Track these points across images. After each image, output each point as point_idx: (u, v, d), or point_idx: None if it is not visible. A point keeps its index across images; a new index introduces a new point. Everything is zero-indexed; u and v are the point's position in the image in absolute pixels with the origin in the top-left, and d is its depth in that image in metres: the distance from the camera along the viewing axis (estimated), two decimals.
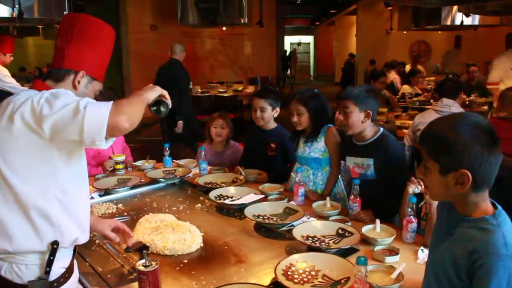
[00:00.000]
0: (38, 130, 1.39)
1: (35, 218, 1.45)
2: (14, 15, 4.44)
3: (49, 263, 1.48)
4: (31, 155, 1.43)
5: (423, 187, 2.00)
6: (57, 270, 1.52)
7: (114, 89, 6.13)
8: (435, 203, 1.77)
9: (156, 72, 5.85)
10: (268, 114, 3.07)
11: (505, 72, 5.16)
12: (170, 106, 1.68)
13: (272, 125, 3.16)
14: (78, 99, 1.41)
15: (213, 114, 3.53)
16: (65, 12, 4.93)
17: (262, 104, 3.05)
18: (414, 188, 2.01)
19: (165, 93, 1.66)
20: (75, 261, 1.65)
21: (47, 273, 1.49)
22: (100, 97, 1.69)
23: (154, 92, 1.61)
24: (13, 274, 1.48)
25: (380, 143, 2.40)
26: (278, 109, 3.12)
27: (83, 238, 1.59)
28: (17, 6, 4.38)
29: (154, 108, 1.63)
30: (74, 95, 1.50)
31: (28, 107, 1.40)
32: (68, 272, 1.57)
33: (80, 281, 1.74)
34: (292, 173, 2.88)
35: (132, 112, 1.44)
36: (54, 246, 1.48)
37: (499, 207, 1.27)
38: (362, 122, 2.39)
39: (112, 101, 1.43)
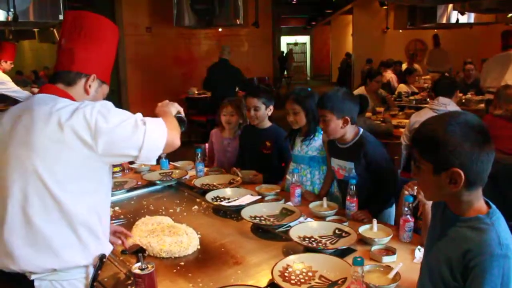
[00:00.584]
0: (92, 144, 1.36)
1: (81, 231, 1.41)
2: (9, 19, 4.42)
3: (95, 277, 1.45)
4: (79, 168, 1.39)
5: (410, 192, 2.02)
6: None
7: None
8: (429, 202, 1.77)
9: (208, 71, 7.39)
10: (261, 113, 3.08)
11: (502, 78, 5.15)
12: (186, 121, 1.74)
13: (267, 123, 3.17)
14: (131, 114, 1.42)
15: (223, 101, 3.51)
16: (60, 16, 4.92)
17: (255, 103, 3.06)
18: (411, 192, 2.02)
19: (181, 109, 1.74)
20: None
21: (93, 287, 1.46)
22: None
23: (174, 108, 1.70)
24: None
25: (358, 147, 2.40)
26: (271, 107, 3.13)
27: (110, 249, 1.59)
28: (12, 9, 4.37)
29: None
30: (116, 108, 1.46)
31: (81, 120, 1.35)
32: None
33: None
34: (287, 175, 2.88)
35: (178, 130, 1.54)
36: (103, 260, 1.46)
37: (493, 206, 1.27)
38: (341, 128, 2.39)
39: (161, 118, 1.47)
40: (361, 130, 2.48)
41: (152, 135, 1.38)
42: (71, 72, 1.53)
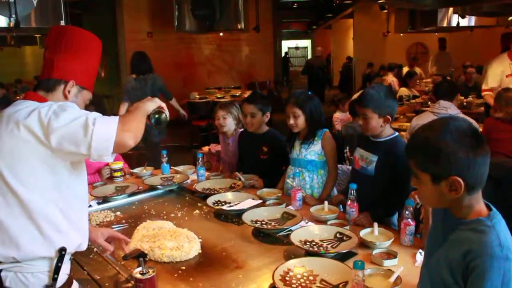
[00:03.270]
0: (45, 141, 1.42)
1: (42, 224, 1.47)
2: (11, 25, 4.45)
3: (57, 269, 1.50)
4: (36, 165, 1.45)
5: (417, 201, 2.02)
6: (62, 277, 1.54)
7: (100, 96, 6.05)
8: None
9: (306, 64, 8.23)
10: (258, 120, 3.08)
11: (500, 80, 5.14)
12: (168, 117, 1.72)
13: (264, 128, 3.17)
14: (86, 113, 1.45)
15: (216, 107, 3.53)
16: (61, 21, 4.95)
17: (251, 109, 3.07)
18: (417, 200, 2.03)
19: (164, 105, 1.71)
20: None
21: (55, 280, 1.50)
22: (90, 105, 1.75)
23: (154, 103, 1.67)
24: (19, 284, 1.48)
25: (392, 145, 2.41)
26: (268, 114, 3.12)
27: (85, 245, 1.63)
28: (13, 15, 4.40)
29: (154, 119, 1.67)
30: (79, 108, 1.55)
31: (35, 118, 1.44)
32: (70, 279, 1.60)
33: None
34: (287, 179, 2.87)
35: (137, 129, 1.51)
36: (62, 252, 1.51)
37: (494, 208, 1.27)
38: (381, 126, 2.40)
39: (118, 117, 1.48)
40: (397, 133, 2.48)
41: (99, 135, 1.41)
42: (51, 79, 1.62)
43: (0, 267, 1.48)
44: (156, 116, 1.67)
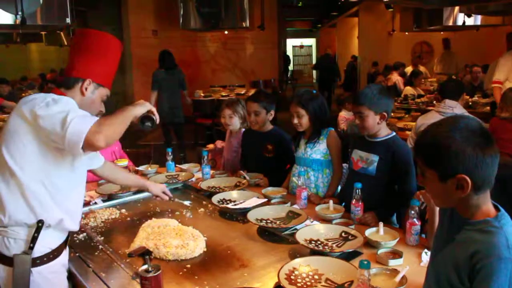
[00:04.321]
0: (33, 124, 1.63)
1: (28, 196, 1.68)
2: (17, 22, 4.46)
3: (33, 239, 1.69)
4: (28, 147, 1.66)
5: (422, 200, 2.02)
6: (41, 249, 1.72)
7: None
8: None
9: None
10: (262, 118, 3.08)
11: (508, 74, 5.13)
12: (157, 121, 1.86)
13: (268, 127, 3.16)
14: (70, 110, 1.61)
15: (222, 104, 3.53)
16: (67, 19, 4.96)
17: (255, 107, 3.06)
18: (421, 200, 2.03)
19: (154, 109, 1.85)
20: (66, 249, 1.87)
21: (31, 248, 1.68)
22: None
23: (143, 107, 1.81)
24: (3, 247, 1.70)
25: (390, 144, 2.41)
26: (272, 112, 3.12)
27: (71, 225, 1.81)
28: (20, 13, 4.41)
29: (142, 122, 1.81)
30: (74, 104, 1.70)
31: (31, 104, 1.65)
32: (54, 253, 1.76)
33: (83, 286, 1.77)
34: (293, 177, 2.87)
35: (111, 132, 1.62)
36: (39, 224, 1.69)
37: (502, 209, 1.26)
38: (378, 124, 2.40)
39: (97, 118, 1.63)
40: (394, 132, 2.49)
41: (73, 132, 1.55)
42: (71, 78, 1.84)
43: None
44: (145, 119, 1.81)
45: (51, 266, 1.75)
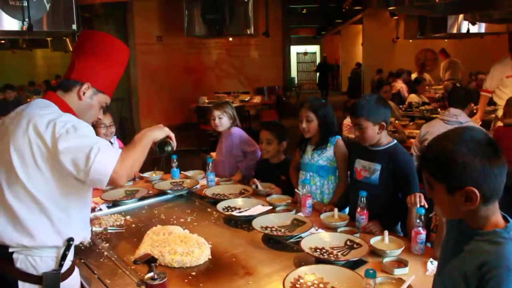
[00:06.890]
0: (55, 158, 1.51)
1: (53, 218, 1.59)
2: (24, 29, 4.50)
3: (63, 257, 1.63)
4: (44, 172, 1.55)
5: (423, 202, 2.01)
6: (67, 263, 1.66)
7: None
8: None
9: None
10: (273, 147, 3.11)
11: (500, 80, 5.14)
12: (174, 147, 1.78)
13: (281, 157, 3.19)
14: (93, 143, 1.51)
15: (210, 108, 3.58)
16: (73, 25, 5.00)
17: (268, 136, 3.10)
18: (420, 204, 2.02)
19: (172, 134, 1.77)
20: None
21: (61, 265, 1.63)
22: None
23: (161, 132, 1.73)
24: (29, 266, 1.60)
25: (390, 153, 2.41)
26: (284, 143, 3.14)
27: (88, 235, 1.79)
28: (26, 19, 4.45)
29: (160, 148, 1.74)
30: (93, 131, 1.62)
31: (50, 132, 1.52)
32: (73, 265, 1.73)
33: None
34: (299, 187, 2.86)
35: (134, 165, 1.59)
36: (70, 243, 1.63)
37: (511, 220, 1.25)
38: (377, 134, 2.40)
39: (119, 152, 1.56)
40: (395, 140, 2.48)
41: (98, 170, 1.49)
42: (69, 80, 1.72)
43: (11, 249, 1.59)
44: (163, 145, 1.74)
45: (73, 278, 1.72)
